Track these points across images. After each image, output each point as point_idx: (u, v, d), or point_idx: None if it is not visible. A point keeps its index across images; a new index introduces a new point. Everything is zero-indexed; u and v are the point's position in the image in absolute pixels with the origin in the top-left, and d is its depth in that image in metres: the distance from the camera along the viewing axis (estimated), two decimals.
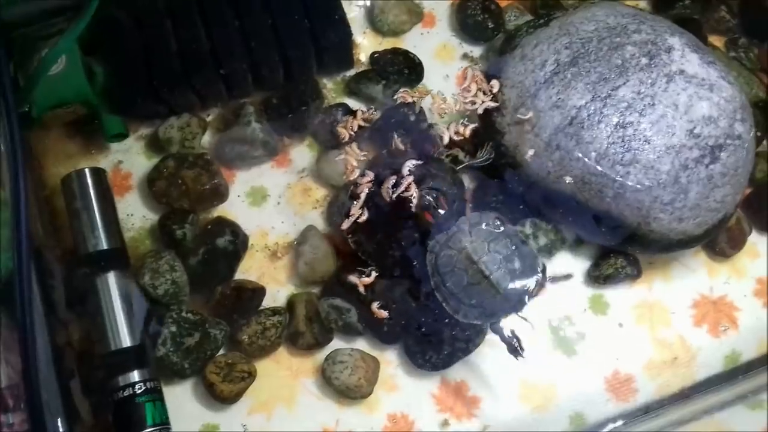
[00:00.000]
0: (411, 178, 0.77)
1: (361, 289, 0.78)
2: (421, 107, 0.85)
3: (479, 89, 0.84)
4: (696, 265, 0.86)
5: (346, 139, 0.83)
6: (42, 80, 0.80)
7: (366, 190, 0.79)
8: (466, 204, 0.80)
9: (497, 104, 0.84)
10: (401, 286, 0.80)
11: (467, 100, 0.84)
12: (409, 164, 0.78)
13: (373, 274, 0.78)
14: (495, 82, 0.84)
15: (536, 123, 0.80)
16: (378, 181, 0.80)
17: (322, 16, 0.88)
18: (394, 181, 0.77)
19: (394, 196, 0.77)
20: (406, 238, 0.79)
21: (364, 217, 0.78)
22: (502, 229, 0.75)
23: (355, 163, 0.80)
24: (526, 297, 0.73)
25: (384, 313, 0.77)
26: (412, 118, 0.85)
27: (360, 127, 0.84)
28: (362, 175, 0.80)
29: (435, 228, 0.77)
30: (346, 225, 0.78)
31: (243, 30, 0.86)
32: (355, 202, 0.79)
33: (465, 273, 0.73)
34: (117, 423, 0.72)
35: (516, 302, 0.73)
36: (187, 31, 0.85)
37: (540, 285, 0.74)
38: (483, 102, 0.84)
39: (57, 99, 0.83)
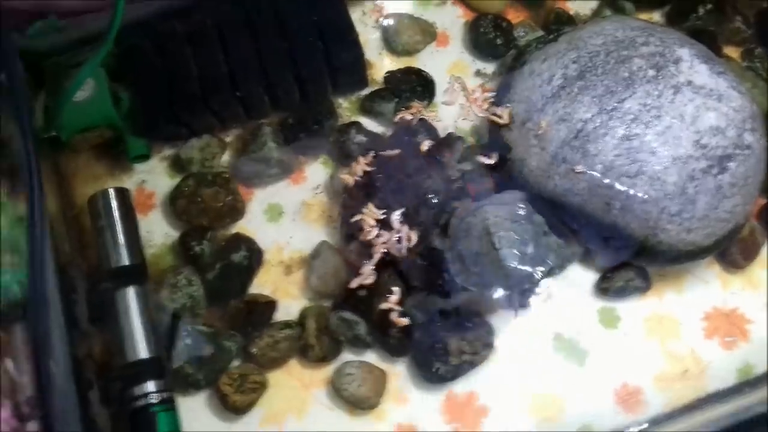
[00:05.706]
0: (405, 228, 0.78)
1: (395, 306, 0.78)
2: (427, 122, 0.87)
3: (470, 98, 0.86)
4: (709, 277, 0.85)
5: (351, 184, 0.83)
6: (69, 105, 0.85)
7: (381, 251, 0.78)
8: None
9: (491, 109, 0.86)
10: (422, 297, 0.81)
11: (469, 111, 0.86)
12: (395, 216, 0.78)
13: (398, 291, 0.79)
14: (478, 89, 0.87)
15: (542, 137, 0.81)
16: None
17: (336, 39, 0.90)
18: (397, 237, 0.78)
19: (404, 250, 0.78)
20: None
21: (371, 279, 0.78)
22: (526, 214, 0.76)
23: (373, 223, 0.79)
24: (527, 283, 0.74)
25: (404, 321, 0.78)
26: (423, 130, 0.87)
27: (365, 172, 0.83)
28: (378, 236, 0.79)
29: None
30: (354, 284, 0.79)
31: (259, 54, 0.89)
32: (366, 262, 0.79)
33: (479, 241, 0.75)
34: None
35: (515, 283, 0.74)
36: (206, 57, 0.89)
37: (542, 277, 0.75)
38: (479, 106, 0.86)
39: (85, 123, 0.87)
